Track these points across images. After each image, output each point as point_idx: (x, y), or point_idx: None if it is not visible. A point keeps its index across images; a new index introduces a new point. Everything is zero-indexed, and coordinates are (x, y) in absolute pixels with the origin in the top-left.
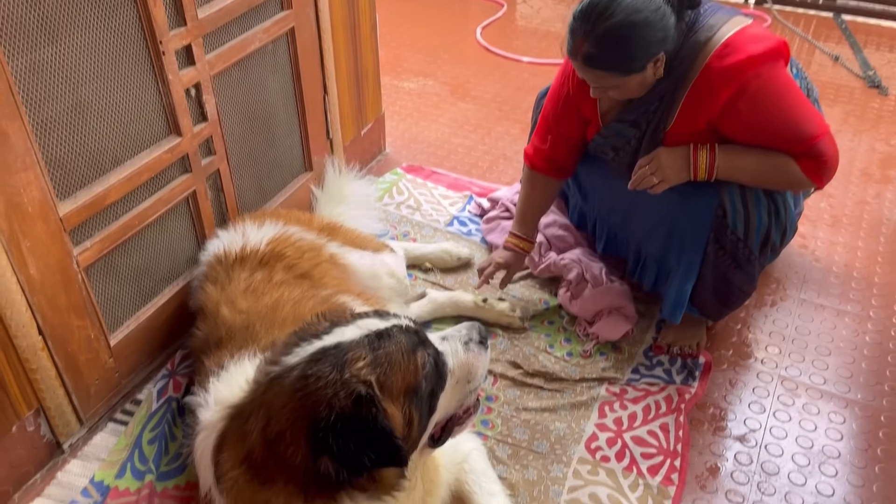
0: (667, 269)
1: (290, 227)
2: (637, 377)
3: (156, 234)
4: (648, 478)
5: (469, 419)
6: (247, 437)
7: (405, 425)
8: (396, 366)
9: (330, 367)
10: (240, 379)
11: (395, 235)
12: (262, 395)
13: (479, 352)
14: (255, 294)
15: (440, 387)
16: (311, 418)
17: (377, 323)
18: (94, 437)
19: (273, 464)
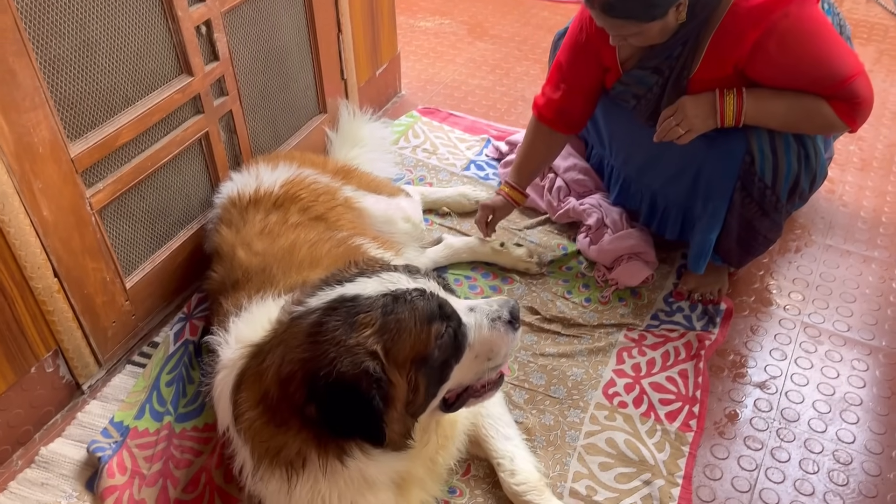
0: (691, 218)
1: (305, 170)
2: (656, 323)
3: (169, 177)
4: (666, 424)
5: (487, 394)
6: (263, 376)
7: (410, 391)
8: (406, 333)
9: (341, 321)
10: (262, 318)
11: (411, 180)
12: (281, 335)
13: (506, 332)
14: (270, 236)
15: (456, 358)
16: (315, 366)
17: (401, 282)
18: (112, 379)
19: (286, 406)
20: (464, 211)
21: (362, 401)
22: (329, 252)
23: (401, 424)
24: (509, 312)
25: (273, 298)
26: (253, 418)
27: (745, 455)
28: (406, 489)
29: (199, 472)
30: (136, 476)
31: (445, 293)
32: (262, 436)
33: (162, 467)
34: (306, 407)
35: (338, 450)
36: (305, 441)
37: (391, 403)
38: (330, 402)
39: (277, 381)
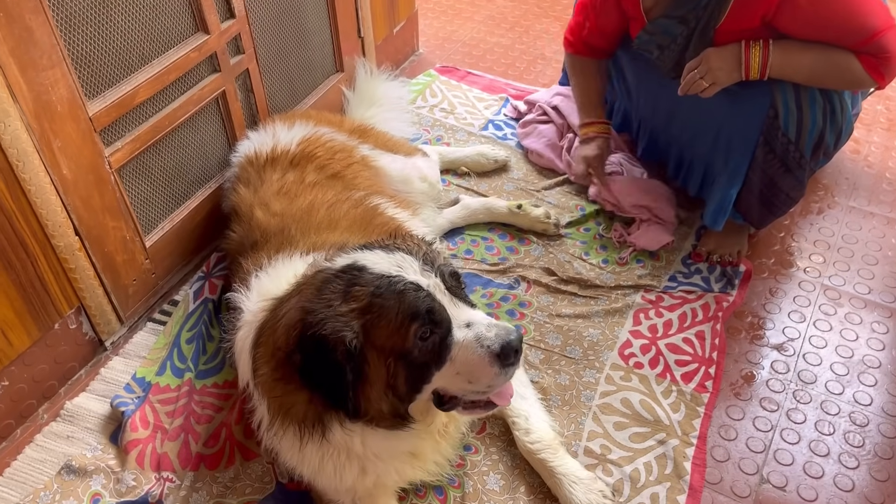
0: (713, 173)
1: (321, 129)
2: (674, 285)
3: (186, 136)
4: (682, 384)
5: (474, 413)
6: (277, 327)
7: (389, 377)
8: (386, 321)
9: (341, 287)
10: (287, 274)
11: (428, 139)
12: (301, 285)
13: (491, 363)
14: (288, 196)
15: (436, 365)
16: (310, 319)
17: (407, 270)
18: (134, 336)
19: (288, 360)
20: (482, 170)
21: (335, 366)
22: (347, 213)
23: (387, 405)
24: (501, 346)
25: (300, 256)
26: (267, 374)
27: (761, 416)
28: (414, 460)
29: (219, 427)
30: (159, 430)
31: (450, 296)
32: (275, 392)
33: (183, 422)
34: (294, 353)
35: (318, 419)
36: (307, 402)
37: (368, 381)
38: (309, 357)
39: (284, 328)
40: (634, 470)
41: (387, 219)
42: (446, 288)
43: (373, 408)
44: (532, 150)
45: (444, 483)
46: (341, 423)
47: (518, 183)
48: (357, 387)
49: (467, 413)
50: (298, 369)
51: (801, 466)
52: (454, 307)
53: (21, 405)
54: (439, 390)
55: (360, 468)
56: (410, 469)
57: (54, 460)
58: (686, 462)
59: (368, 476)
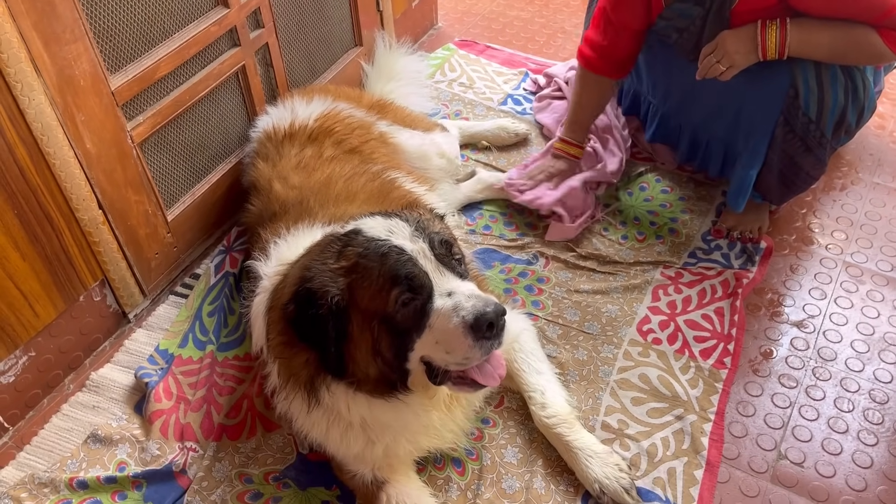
0: (732, 154)
1: (340, 104)
2: (693, 261)
3: (207, 110)
4: (700, 360)
5: (462, 389)
6: (285, 288)
7: (374, 341)
8: (368, 282)
9: (338, 247)
10: (306, 242)
11: (447, 114)
12: (311, 247)
13: (465, 333)
14: (306, 170)
15: (417, 332)
16: (307, 274)
17: (397, 234)
18: (157, 309)
19: (284, 310)
20: (503, 144)
21: (319, 318)
22: (364, 186)
23: (375, 369)
24: (474, 316)
25: (320, 226)
26: (276, 337)
27: (779, 392)
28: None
29: (241, 399)
30: (182, 401)
31: (437, 263)
32: (283, 354)
33: (206, 394)
34: (290, 304)
35: (310, 379)
36: (305, 363)
37: (353, 341)
38: (299, 306)
39: (290, 286)
40: (651, 445)
41: (404, 192)
42: (434, 255)
43: (360, 370)
44: (545, 125)
45: (461, 455)
46: (327, 385)
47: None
48: (342, 346)
49: (456, 389)
50: (290, 320)
51: (819, 443)
52: (439, 275)
53: (48, 375)
54: (428, 360)
55: (367, 438)
56: (425, 438)
57: (80, 429)
58: (703, 437)
59: (377, 446)
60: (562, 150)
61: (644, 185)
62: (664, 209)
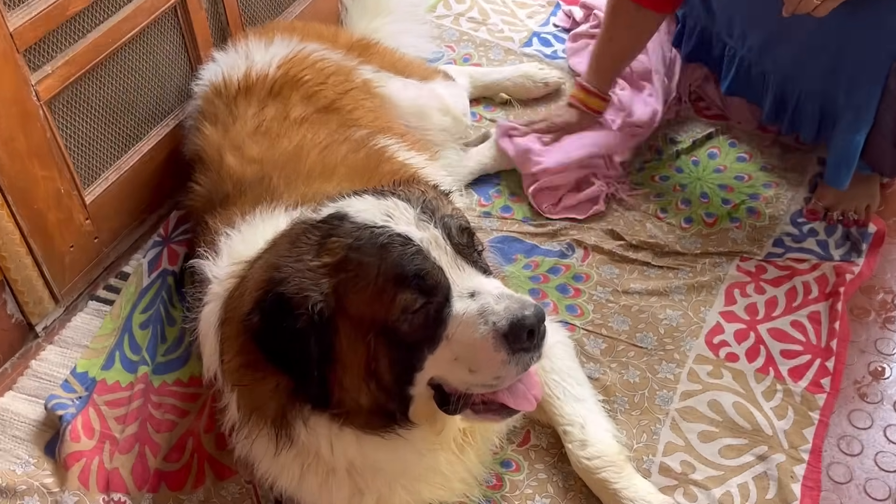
0: (831, 112)
1: (309, 45)
2: (780, 251)
3: (135, 58)
4: (790, 382)
5: (485, 417)
6: (244, 295)
7: (369, 359)
8: (364, 284)
9: (316, 239)
10: (266, 233)
11: (453, 59)
12: (273, 241)
13: (497, 346)
14: (267, 136)
15: (429, 347)
16: (276, 276)
17: (399, 218)
18: (73, 319)
19: (245, 321)
20: (528, 97)
21: (295, 332)
22: (345, 158)
23: (368, 397)
24: (509, 323)
25: (286, 210)
26: (234, 360)
27: (894, 424)
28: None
29: (184, 437)
30: (107, 440)
31: (454, 255)
32: (244, 381)
33: (138, 430)
34: (252, 313)
35: (281, 412)
36: (273, 392)
37: (340, 361)
38: (267, 318)
39: (250, 290)
40: (726, 494)
41: (397, 165)
42: (452, 245)
43: (348, 398)
44: (581, 73)
45: None
46: (304, 420)
47: None
48: (325, 367)
49: (477, 418)
50: (255, 336)
51: None
52: (458, 271)
53: None
54: (440, 383)
55: (354, 486)
56: (428, 487)
57: None
58: (794, 484)
59: (367, 497)
60: (577, 99)
61: (714, 150)
62: (741, 182)
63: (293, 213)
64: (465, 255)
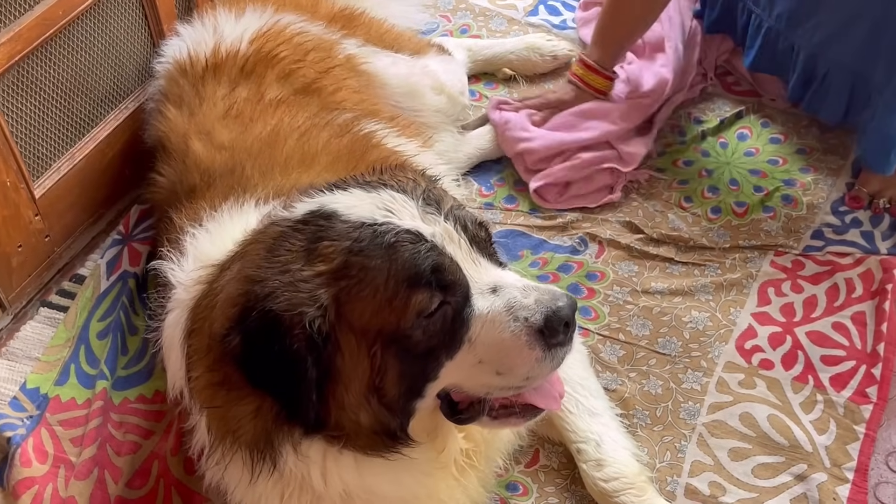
0: (867, 89)
1: (285, 16)
2: (820, 245)
3: (89, 34)
4: (832, 392)
5: (508, 423)
6: (214, 306)
7: (374, 374)
8: (370, 290)
9: (302, 244)
10: (234, 231)
11: (449, 31)
12: (246, 245)
13: (530, 343)
14: (239, 121)
15: (447, 352)
16: (256, 291)
17: (402, 213)
18: (22, 329)
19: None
20: (534, 72)
21: (291, 357)
22: (328, 145)
23: (369, 416)
24: (544, 316)
25: (256, 205)
26: (203, 377)
27: None
28: None
29: (149, 460)
30: (62, 464)
31: (469, 249)
32: (214, 401)
33: (97, 452)
34: (231, 334)
35: (266, 439)
36: (253, 414)
37: (339, 379)
38: (253, 342)
39: (221, 306)
40: None
41: (386, 152)
42: (467, 239)
43: (347, 419)
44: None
45: None
46: (295, 445)
47: None
48: (324, 387)
49: (496, 424)
50: (237, 358)
51: None
52: (475, 266)
53: None
54: (451, 391)
55: None
56: None
57: None
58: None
59: None
60: (577, 75)
61: (744, 131)
62: (775, 167)
63: (264, 207)
64: (481, 248)
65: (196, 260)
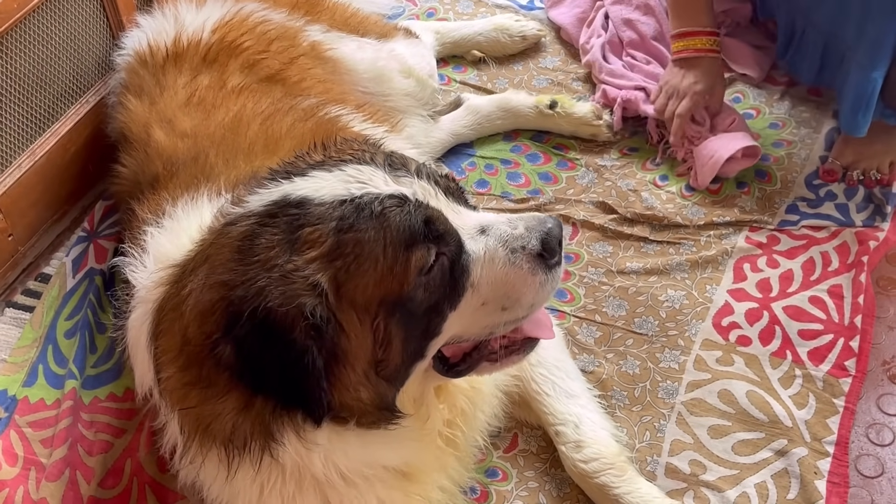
0: (837, 50)
1: (247, 4)
2: (795, 219)
3: (46, 27)
4: (810, 366)
5: (509, 360)
6: (183, 308)
7: (377, 346)
8: (370, 262)
9: (279, 235)
10: (191, 227)
11: (415, 14)
12: (207, 247)
13: (532, 269)
14: (202, 108)
15: (450, 303)
16: (238, 294)
17: (375, 182)
18: None
19: (208, 354)
20: (503, 53)
21: (292, 353)
22: (292, 129)
23: (370, 392)
24: (540, 240)
25: (210, 198)
26: (175, 377)
27: None
28: (408, 483)
29: (121, 459)
30: (32, 466)
31: (447, 200)
32: (188, 401)
33: (68, 453)
34: (220, 346)
35: (264, 431)
36: (237, 410)
37: (344, 360)
38: (249, 347)
39: (196, 314)
40: (742, 496)
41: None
42: (442, 192)
43: (350, 398)
44: (562, 26)
45: None
46: (299, 432)
47: (554, 74)
48: (330, 372)
49: (497, 367)
50: (232, 368)
51: None
52: (456, 215)
53: None
54: (445, 345)
55: (323, 500)
56: (402, 497)
57: None
58: (819, 481)
59: None
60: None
61: None
62: None
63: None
64: (456, 197)
65: (157, 260)
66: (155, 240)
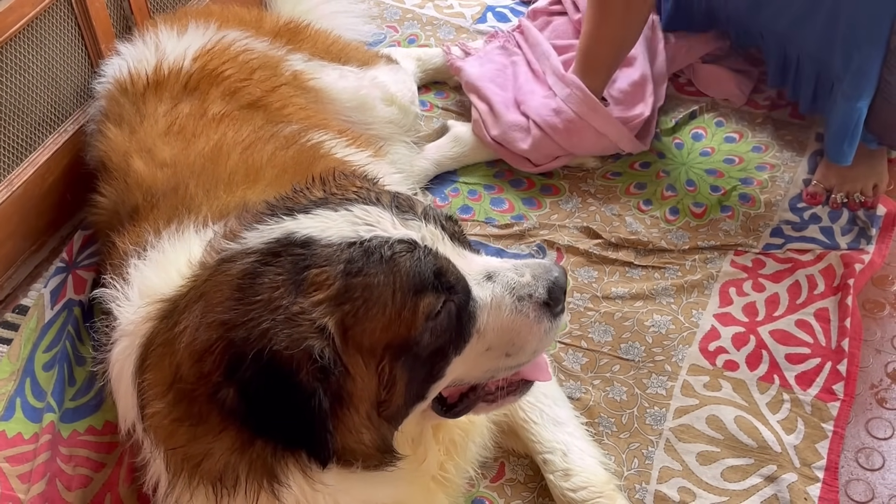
0: (827, 78)
1: (230, 33)
2: (780, 242)
3: (23, 55)
4: (798, 391)
5: (505, 401)
6: (175, 346)
7: (382, 388)
8: (378, 307)
9: (284, 276)
10: (179, 260)
11: (397, 41)
12: (202, 284)
13: (538, 318)
14: (182, 137)
15: (456, 348)
16: (241, 335)
17: (383, 224)
18: None
19: (203, 393)
20: None
21: (298, 396)
22: (273, 158)
23: (373, 434)
24: (547, 289)
25: (196, 230)
26: (162, 412)
27: None
28: None
29: (101, 494)
30: (10, 503)
31: (453, 245)
32: (175, 439)
33: (46, 488)
34: (223, 389)
35: (266, 471)
36: (231, 450)
37: (349, 403)
38: (254, 391)
39: (191, 353)
40: None
41: (334, 163)
42: (449, 236)
43: (352, 440)
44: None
45: None
46: (305, 472)
47: None
48: (335, 415)
49: (493, 407)
50: (236, 412)
51: None
52: (463, 260)
53: None
54: (446, 388)
55: None
56: None
57: None
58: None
59: None
60: None
61: (699, 131)
62: (731, 166)
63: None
64: (461, 241)
65: (142, 291)
66: (140, 272)
